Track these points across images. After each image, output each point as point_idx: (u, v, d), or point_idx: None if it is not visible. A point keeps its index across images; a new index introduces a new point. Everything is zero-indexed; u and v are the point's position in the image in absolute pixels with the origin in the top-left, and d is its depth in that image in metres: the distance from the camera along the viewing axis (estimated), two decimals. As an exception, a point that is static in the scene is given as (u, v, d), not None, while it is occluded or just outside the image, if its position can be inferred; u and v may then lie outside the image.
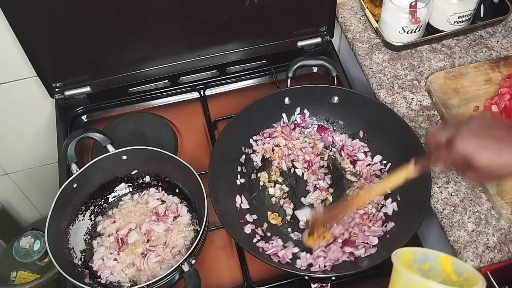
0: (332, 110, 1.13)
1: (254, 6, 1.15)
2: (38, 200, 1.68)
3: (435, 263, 0.67)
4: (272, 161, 1.12)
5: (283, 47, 1.27)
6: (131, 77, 1.23)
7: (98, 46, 1.15)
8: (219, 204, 0.95)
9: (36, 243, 1.42)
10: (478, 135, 0.70)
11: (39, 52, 1.12)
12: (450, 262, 0.67)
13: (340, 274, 0.91)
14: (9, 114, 1.35)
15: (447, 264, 0.67)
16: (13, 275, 1.41)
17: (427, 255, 0.68)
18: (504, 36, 1.25)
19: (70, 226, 1.02)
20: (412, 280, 0.61)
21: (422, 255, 0.68)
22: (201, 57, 1.24)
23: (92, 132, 1.06)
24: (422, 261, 0.68)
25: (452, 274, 0.66)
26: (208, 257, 1.03)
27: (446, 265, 0.67)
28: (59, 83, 1.19)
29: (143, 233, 1.03)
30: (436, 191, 1.01)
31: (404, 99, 1.15)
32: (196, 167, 1.00)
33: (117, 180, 1.09)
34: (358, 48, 1.25)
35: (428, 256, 0.68)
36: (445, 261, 0.67)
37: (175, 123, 1.22)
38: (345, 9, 1.33)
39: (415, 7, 1.14)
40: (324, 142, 1.13)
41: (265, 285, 0.97)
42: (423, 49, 1.23)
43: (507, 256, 0.94)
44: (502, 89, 1.10)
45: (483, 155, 0.69)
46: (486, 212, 0.98)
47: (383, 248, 0.96)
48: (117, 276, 0.99)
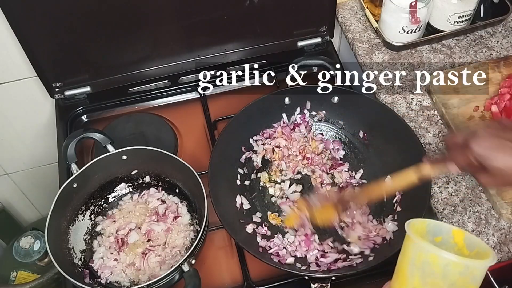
0: (332, 110, 1.13)
1: (254, 6, 1.15)
2: (38, 200, 1.68)
3: (447, 236, 0.67)
4: (272, 162, 1.12)
5: (283, 47, 1.27)
6: (131, 77, 1.23)
7: (98, 46, 1.15)
8: (219, 204, 0.95)
9: (36, 243, 1.42)
10: (494, 136, 0.71)
11: (39, 52, 1.11)
12: (463, 236, 0.66)
13: (340, 274, 0.91)
14: (9, 114, 1.35)
15: (459, 238, 0.66)
16: (13, 275, 1.41)
17: (440, 228, 0.67)
18: (504, 36, 1.25)
19: (70, 226, 1.02)
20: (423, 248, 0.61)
21: (436, 227, 0.68)
22: (201, 57, 1.24)
23: (92, 132, 1.06)
24: (435, 233, 0.67)
25: (464, 248, 0.66)
26: (208, 257, 1.03)
27: (459, 239, 0.66)
28: (59, 83, 1.19)
29: (143, 233, 1.03)
30: (436, 191, 1.01)
31: (404, 99, 1.15)
32: (196, 167, 1.00)
33: (117, 180, 1.09)
34: (358, 48, 1.25)
35: (441, 229, 0.67)
36: (458, 235, 0.66)
37: (175, 123, 1.22)
38: (345, 9, 1.33)
39: (415, 7, 1.14)
40: (324, 144, 1.13)
41: (265, 285, 0.97)
42: (423, 49, 1.23)
43: (507, 256, 0.94)
44: (502, 89, 1.10)
45: (499, 157, 0.70)
46: (486, 212, 0.98)
47: (383, 248, 0.96)
48: (117, 276, 0.99)
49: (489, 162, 0.70)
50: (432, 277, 0.61)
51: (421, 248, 0.61)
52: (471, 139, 0.72)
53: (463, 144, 0.74)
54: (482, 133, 0.72)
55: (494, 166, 0.70)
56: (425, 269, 0.61)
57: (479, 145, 0.71)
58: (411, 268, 0.63)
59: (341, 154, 1.12)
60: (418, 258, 0.62)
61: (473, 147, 0.72)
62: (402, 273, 0.64)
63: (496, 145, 0.70)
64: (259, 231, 1.00)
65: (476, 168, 0.74)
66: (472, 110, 1.09)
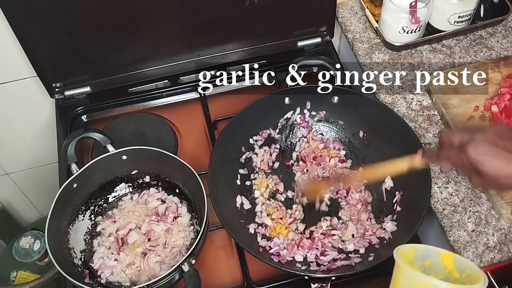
0: (332, 110, 1.13)
1: (254, 6, 1.15)
2: (38, 200, 1.68)
3: (436, 259, 0.68)
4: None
5: (283, 47, 1.27)
6: (131, 77, 1.23)
7: (98, 46, 1.15)
8: (219, 204, 0.95)
9: (36, 243, 1.42)
10: (491, 143, 0.72)
11: (39, 52, 1.11)
12: (452, 259, 0.67)
13: (340, 274, 0.91)
14: (9, 114, 1.35)
15: (449, 261, 0.67)
16: (13, 275, 1.41)
17: (429, 252, 0.68)
18: (504, 36, 1.25)
19: (70, 226, 1.02)
20: (413, 277, 0.61)
21: (424, 251, 0.68)
22: (201, 57, 1.24)
23: (92, 132, 1.06)
24: (424, 257, 0.68)
25: (454, 271, 0.66)
26: (208, 257, 1.03)
27: (448, 262, 0.67)
28: (59, 83, 1.19)
29: (143, 233, 1.03)
30: (436, 191, 1.01)
31: (404, 99, 1.15)
32: (196, 167, 1.00)
33: (117, 180, 1.09)
34: (358, 48, 1.25)
35: (430, 252, 0.68)
36: (447, 258, 0.67)
37: (175, 123, 1.22)
38: (345, 9, 1.33)
39: (415, 7, 1.14)
40: (324, 144, 1.13)
41: (265, 285, 0.97)
42: (423, 49, 1.23)
43: (507, 256, 0.94)
44: (502, 89, 1.10)
45: (492, 163, 0.72)
46: (486, 212, 0.98)
47: (383, 248, 0.96)
48: (117, 276, 0.99)
49: (482, 168, 0.73)
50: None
51: (412, 277, 0.62)
52: (467, 143, 0.74)
53: (459, 146, 0.76)
54: (479, 139, 0.73)
55: (487, 171, 0.72)
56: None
57: (475, 150, 0.73)
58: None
59: (341, 154, 1.12)
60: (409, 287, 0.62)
61: (469, 151, 0.73)
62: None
63: (491, 152, 0.72)
64: (259, 231, 1.01)
65: (469, 170, 0.76)
66: (472, 110, 1.09)
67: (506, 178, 0.72)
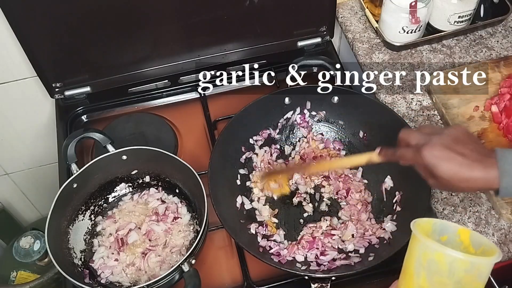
0: (332, 110, 1.13)
1: (254, 6, 1.15)
2: (38, 200, 1.68)
3: (453, 235, 0.67)
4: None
5: (283, 47, 1.27)
6: (131, 77, 1.23)
7: (98, 46, 1.15)
8: (219, 204, 0.95)
9: (36, 243, 1.42)
10: (445, 148, 0.73)
11: (39, 52, 1.11)
12: (468, 235, 0.67)
13: (340, 274, 0.91)
14: (9, 114, 1.35)
15: (465, 237, 0.67)
16: (13, 275, 1.41)
17: (446, 227, 0.68)
18: (504, 36, 1.25)
19: (70, 226, 1.02)
20: (428, 247, 0.61)
21: (441, 226, 0.68)
22: (201, 57, 1.24)
23: (92, 132, 1.06)
24: (440, 232, 0.68)
25: (470, 247, 0.66)
26: (208, 257, 1.03)
27: (465, 237, 0.67)
28: (59, 83, 1.19)
29: (143, 233, 1.03)
30: (436, 191, 1.01)
31: (404, 99, 1.15)
32: (196, 167, 1.00)
33: (117, 180, 1.09)
34: (358, 48, 1.25)
35: (447, 227, 0.68)
36: (464, 233, 0.67)
37: (175, 123, 1.22)
38: (345, 9, 1.33)
39: (415, 7, 1.14)
40: (324, 144, 1.13)
41: (265, 285, 0.97)
42: (423, 49, 1.23)
43: (507, 256, 0.94)
44: (502, 89, 1.10)
45: (445, 167, 0.73)
46: (486, 212, 0.98)
47: (383, 248, 0.96)
48: (117, 276, 0.99)
49: (436, 171, 0.74)
50: (438, 276, 0.61)
51: (426, 247, 0.62)
52: (423, 145, 0.75)
53: (415, 147, 0.77)
54: (434, 142, 0.74)
55: (440, 175, 0.73)
56: (431, 267, 0.61)
57: (430, 153, 0.74)
58: (417, 267, 0.63)
59: (341, 154, 1.12)
60: (424, 257, 0.62)
61: (424, 153, 0.74)
62: (408, 272, 0.65)
63: (445, 157, 0.73)
64: (259, 231, 1.01)
65: (425, 171, 0.77)
66: (472, 110, 1.09)
67: (458, 182, 0.73)
